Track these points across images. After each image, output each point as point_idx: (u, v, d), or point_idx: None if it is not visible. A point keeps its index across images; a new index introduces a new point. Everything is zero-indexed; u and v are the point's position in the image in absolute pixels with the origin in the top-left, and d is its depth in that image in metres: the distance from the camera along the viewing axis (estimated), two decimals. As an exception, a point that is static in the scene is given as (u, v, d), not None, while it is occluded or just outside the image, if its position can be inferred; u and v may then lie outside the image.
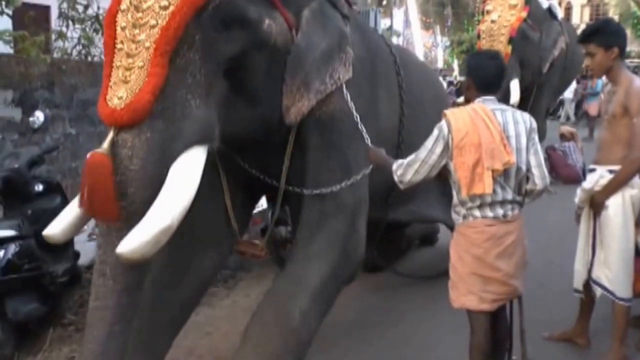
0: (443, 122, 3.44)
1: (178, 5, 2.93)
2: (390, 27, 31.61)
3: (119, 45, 3.03)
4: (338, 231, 3.82)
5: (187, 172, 2.98)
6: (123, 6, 3.07)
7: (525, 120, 3.47)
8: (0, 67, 5.92)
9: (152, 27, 2.94)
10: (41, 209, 5.15)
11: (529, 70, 10.92)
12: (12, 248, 4.57)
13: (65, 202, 5.44)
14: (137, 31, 2.97)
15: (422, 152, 3.47)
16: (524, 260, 3.53)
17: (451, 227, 3.88)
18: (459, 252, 3.52)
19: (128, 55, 2.96)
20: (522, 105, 10.08)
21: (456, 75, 32.40)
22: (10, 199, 5.10)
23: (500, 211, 3.40)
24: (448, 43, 38.75)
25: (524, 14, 10.99)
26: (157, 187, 2.89)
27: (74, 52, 8.39)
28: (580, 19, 39.92)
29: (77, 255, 5.52)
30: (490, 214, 3.40)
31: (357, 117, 3.75)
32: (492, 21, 11.06)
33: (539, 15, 11.50)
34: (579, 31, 4.95)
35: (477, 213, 3.42)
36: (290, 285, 3.66)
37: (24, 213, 5.01)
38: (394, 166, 3.60)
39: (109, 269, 2.84)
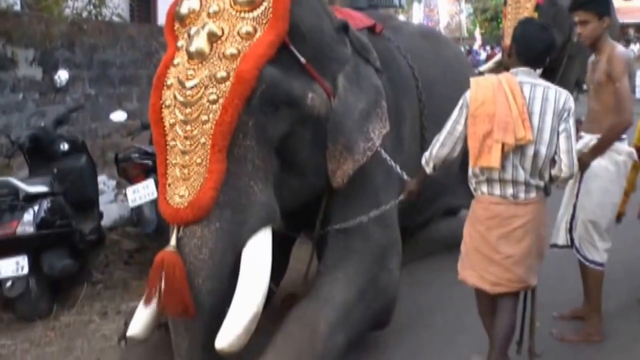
0: (467, 91, 3.46)
1: (228, 99, 3.12)
2: (413, -7, 31.51)
3: (171, 143, 3.24)
4: (365, 265, 3.91)
5: (258, 258, 3.26)
6: (168, 101, 3.27)
7: (558, 99, 3.32)
8: (22, 26, 6.16)
9: (205, 122, 3.14)
10: (67, 168, 5.45)
11: (558, 39, 10.84)
12: (45, 204, 4.85)
13: (90, 161, 5.78)
14: (188, 127, 3.17)
15: (448, 124, 3.51)
16: (537, 249, 3.45)
17: None
18: (468, 227, 3.56)
19: (183, 153, 3.17)
20: (551, 76, 10.10)
21: (478, 45, 32.27)
22: (36, 158, 5.40)
23: (510, 191, 3.35)
24: (472, 10, 38.54)
25: (553, -21, 10.95)
26: (224, 276, 3.18)
27: (84, 13, 8.62)
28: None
29: (101, 215, 5.87)
30: (497, 192, 3.38)
31: (388, 159, 3.91)
32: (519, -13, 11.03)
33: None
34: None
35: (484, 188, 3.42)
36: (316, 302, 3.68)
37: (50, 171, 5.30)
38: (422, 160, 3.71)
39: None
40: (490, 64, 10.79)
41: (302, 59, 3.45)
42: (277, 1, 3.27)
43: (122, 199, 6.68)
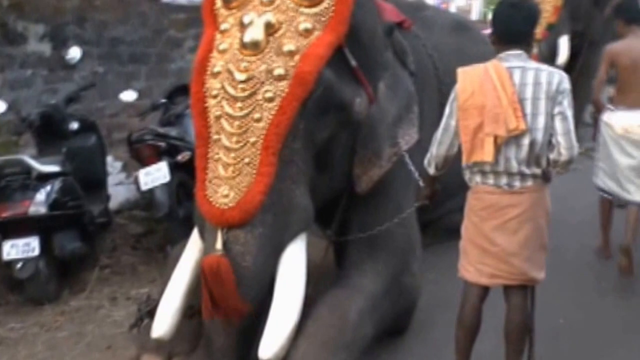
0: (457, 83, 3.40)
1: (287, 99, 3.10)
2: (421, -27, 31.23)
3: (215, 136, 3.20)
4: (390, 263, 3.98)
5: (296, 264, 3.30)
6: (214, 91, 3.21)
7: (551, 81, 3.23)
8: (34, 0, 6.19)
9: (257, 120, 3.11)
10: (76, 147, 5.51)
11: (582, 24, 10.69)
12: (57, 184, 4.91)
13: (100, 141, 5.83)
14: (237, 123, 3.12)
15: (443, 120, 3.48)
16: (536, 241, 3.40)
17: None
18: (464, 219, 3.54)
19: (228, 149, 3.13)
20: (572, 63, 10.09)
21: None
22: (46, 136, 5.43)
23: (503, 180, 3.32)
24: (487, -8, 38.12)
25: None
26: (265, 282, 3.22)
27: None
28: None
29: (109, 197, 5.94)
30: (491, 181, 3.35)
31: (410, 165, 3.94)
32: (542, -33, 10.82)
33: None
34: None
35: (477, 178, 3.41)
36: (347, 289, 3.75)
37: (60, 150, 5.35)
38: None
39: None
40: None
41: (354, 63, 3.45)
42: (341, 1, 3.26)
43: (129, 181, 6.75)
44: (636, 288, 4.99)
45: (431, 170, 3.63)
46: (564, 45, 10.14)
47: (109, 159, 6.44)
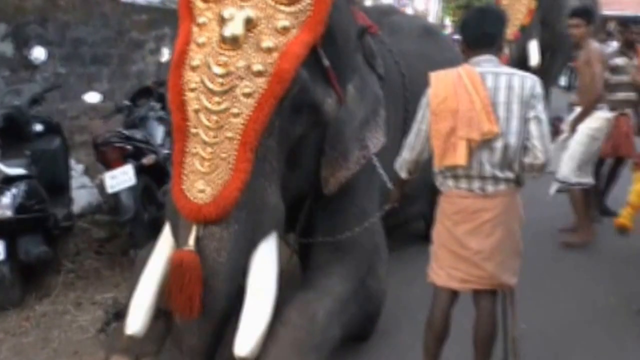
0: (428, 88, 3.44)
1: (265, 95, 3.11)
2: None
3: (193, 130, 3.19)
4: (356, 266, 4.05)
5: (268, 262, 3.32)
6: (192, 85, 3.20)
7: (524, 86, 3.28)
8: (-5, -2, 6.16)
9: (235, 115, 3.11)
10: (40, 150, 5.45)
11: (549, 30, 10.92)
12: (22, 187, 4.86)
13: (63, 144, 5.80)
14: (215, 117, 3.13)
15: (414, 125, 3.52)
16: (510, 245, 3.45)
17: None
18: (436, 224, 3.58)
19: (205, 144, 3.14)
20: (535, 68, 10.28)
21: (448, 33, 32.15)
22: (9, 138, 5.30)
23: (476, 184, 3.36)
24: (445, -5, 38.35)
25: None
26: (238, 279, 3.26)
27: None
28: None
29: (72, 201, 5.89)
30: (464, 185, 3.38)
31: (379, 167, 4.06)
32: (515, -26, 10.86)
33: None
34: None
35: (450, 183, 3.43)
36: (315, 291, 3.79)
37: (23, 153, 5.27)
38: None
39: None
40: None
41: (326, 63, 3.48)
42: (319, 2, 3.28)
43: (91, 185, 6.73)
44: (598, 293, 5.16)
45: (403, 175, 3.70)
46: (534, 48, 10.42)
47: (71, 161, 6.42)
